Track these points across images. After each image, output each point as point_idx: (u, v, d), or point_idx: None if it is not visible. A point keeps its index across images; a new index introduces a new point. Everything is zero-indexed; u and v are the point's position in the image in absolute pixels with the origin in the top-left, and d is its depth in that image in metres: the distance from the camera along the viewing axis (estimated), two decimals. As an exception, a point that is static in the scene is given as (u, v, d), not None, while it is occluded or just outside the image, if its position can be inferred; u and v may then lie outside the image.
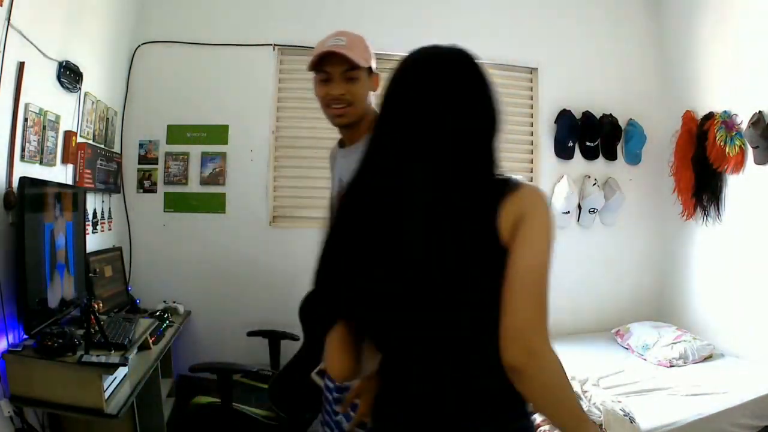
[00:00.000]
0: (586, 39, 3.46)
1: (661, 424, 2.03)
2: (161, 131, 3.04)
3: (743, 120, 2.80)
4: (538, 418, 1.93)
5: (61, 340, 1.64)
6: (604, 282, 3.47)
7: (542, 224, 0.82)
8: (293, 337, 2.55)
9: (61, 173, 2.18)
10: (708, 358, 2.77)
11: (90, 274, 2.23)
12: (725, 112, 2.94)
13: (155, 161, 3.03)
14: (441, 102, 0.86)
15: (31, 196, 1.72)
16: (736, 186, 2.94)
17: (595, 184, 3.34)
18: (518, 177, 0.89)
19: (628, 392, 2.32)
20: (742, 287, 2.86)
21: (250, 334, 2.65)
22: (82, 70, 2.27)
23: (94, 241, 2.55)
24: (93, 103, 2.49)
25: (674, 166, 3.33)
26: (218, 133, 3.07)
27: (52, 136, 2.06)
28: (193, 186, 3.05)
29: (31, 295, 1.68)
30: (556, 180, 3.37)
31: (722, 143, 2.90)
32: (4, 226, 1.71)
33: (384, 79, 0.98)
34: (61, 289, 1.89)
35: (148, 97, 3.01)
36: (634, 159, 3.49)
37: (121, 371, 1.79)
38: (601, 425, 1.87)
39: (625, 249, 3.51)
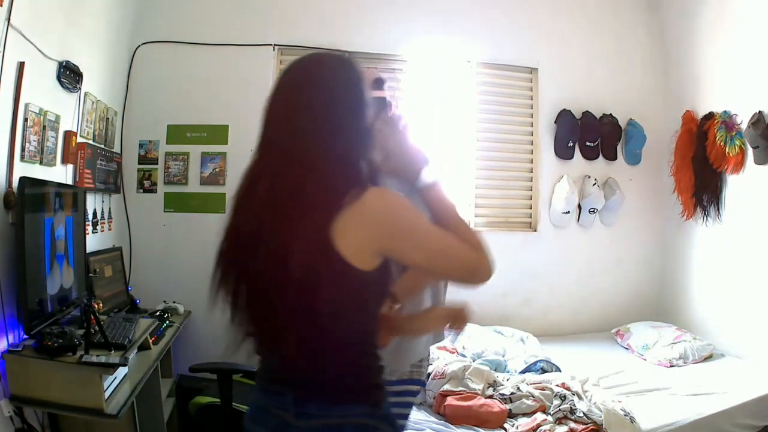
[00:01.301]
0: (586, 39, 3.47)
1: (661, 424, 2.03)
2: (161, 131, 3.04)
3: (743, 120, 2.80)
4: (540, 416, 1.92)
5: (61, 340, 1.63)
6: (604, 282, 3.47)
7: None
8: None
9: (61, 173, 2.18)
10: (708, 358, 2.77)
11: (90, 274, 2.22)
12: (725, 112, 2.94)
13: (155, 161, 3.03)
14: (299, 102, 0.91)
15: (31, 196, 1.72)
16: (736, 186, 2.94)
17: (595, 184, 3.34)
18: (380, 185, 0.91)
19: (629, 392, 2.32)
20: (742, 287, 2.86)
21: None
22: (82, 70, 2.27)
23: (94, 241, 2.55)
24: (93, 103, 2.49)
25: (674, 166, 3.33)
26: (218, 133, 3.07)
27: (52, 136, 2.06)
28: (193, 186, 3.05)
29: (31, 295, 1.67)
30: (556, 180, 3.37)
31: (722, 143, 2.90)
32: (4, 226, 1.71)
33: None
34: (61, 288, 1.89)
35: (148, 97, 3.01)
36: (634, 159, 3.49)
37: (121, 371, 1.79)
38: (601, 425, 1.87)
39: (625, 249, 3.51)
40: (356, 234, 0.85)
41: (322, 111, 0.89)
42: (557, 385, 2.08)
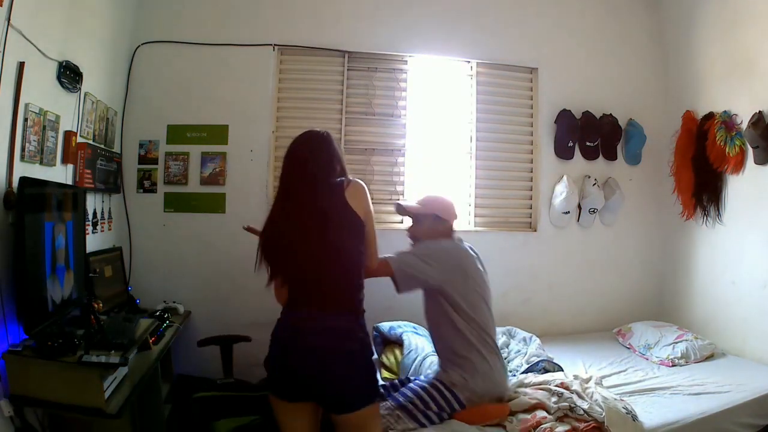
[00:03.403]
0: (586, 39, 3.47)
1: (663, 422, 2.02)
2: (161, 131, 3.03)
3: (743, 120, 2.81)
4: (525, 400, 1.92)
5: (61, 340, 1.63)
6: (605, 282, 3.47)
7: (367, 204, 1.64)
8: (246, 339, 2.53)
9: (61, 173, 2.18)
10: (710, 357, 2.77)
11: (90, 274, 2.22)
12: (725, 112, 2.94)
13: (155, 161, 3.02)
14: (315, 154, 1.65)
15: (31, 196, 1.72)
16: (736, 186, 2.94)
17: (595, 184, 3.34)
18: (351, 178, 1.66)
19: (631, 391, 2.32)
20: (743, 287, 2.86)
21: (201, 343, 2.57)
22: (82, 70, 2.27)
23: (94, 241, 2.54)
24: (93, 103, 2.49)
25: (674, 166, 3.33)
26: (218, 133, 3.07)
27: (52, 136, 2.06)
28: (193, 186, 3.05)
29: (31, 295, 1.67)
30: (556, 180, 3.37)
31: (722, 143, 2.91)
32: (4, 226, 1.71)
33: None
34: (61, 289, 1.88)
35: (148, 97, 3.01)
36: (634, 159, 3.49)
37: (121, 371, 1.79)
38: (603, 422, 1.87)
39: (625, 249, 3.51)
40: (355, 198, 1.59)
41: (328, 155, 1.66)
42: (556, 385, 2.06)
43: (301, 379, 1.52)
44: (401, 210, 2.23)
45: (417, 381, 2.00)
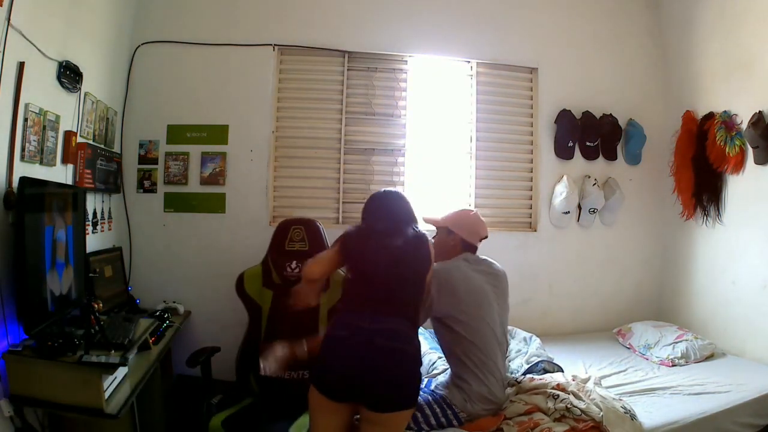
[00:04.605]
0: (586, 39, 3.47)
1: (664, 422, 2.02)
2: (161, 131, 3.04)
3: (743, 120, 2.81)
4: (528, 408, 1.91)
5: (61, 340, 1.63)
6: (605, 282, 3.47)
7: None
8: (217, 349, 2.48)
9: (61, 173, 2.18)
10: (710, 357, 2.77)
11: (90, 274, 2.22)
12: (725, 112, 2.94)
13: (155, 161, 3.03)
14: (399, 208, 1.91)
15: (31, 196, 1.72)
16: (736, 186, 2.94)
17: (595, 184, 3.33)
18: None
19: (631, 391, 2.32)
20: (743, 287, 2.86)
21: (190, 363, 2.37)
22: (82, 70, 2.27)
23: (94, 241, 2.55)
24: (93, 103, 2.49)
25: (674, 166, 3.33)
26: (218, 133, 3.07)
27: (52, 136, 2.06)
28: (193, 186, 3.05)
29: (31, 295, 1.67)
30: (556, 180, 3.37)
31: (722, 143, 2.91)
32: (4, 226, 1.71)
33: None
34: (61, 288, 1.88)
35: (148, 97, 3.01)
36: (634, 159, 3.49)
37: (121, 371, 1.79)
38: (601, 422, 1.87)
39: (625, 249, 3.51)
40: (432, 250, 1.86)
41: (408, 208, 1.92)
42: (552, 388, 2.04)
43: (355, 377, 1.57)
44: (426, 220, 2.25)
45: (425, 391, 1.98)
